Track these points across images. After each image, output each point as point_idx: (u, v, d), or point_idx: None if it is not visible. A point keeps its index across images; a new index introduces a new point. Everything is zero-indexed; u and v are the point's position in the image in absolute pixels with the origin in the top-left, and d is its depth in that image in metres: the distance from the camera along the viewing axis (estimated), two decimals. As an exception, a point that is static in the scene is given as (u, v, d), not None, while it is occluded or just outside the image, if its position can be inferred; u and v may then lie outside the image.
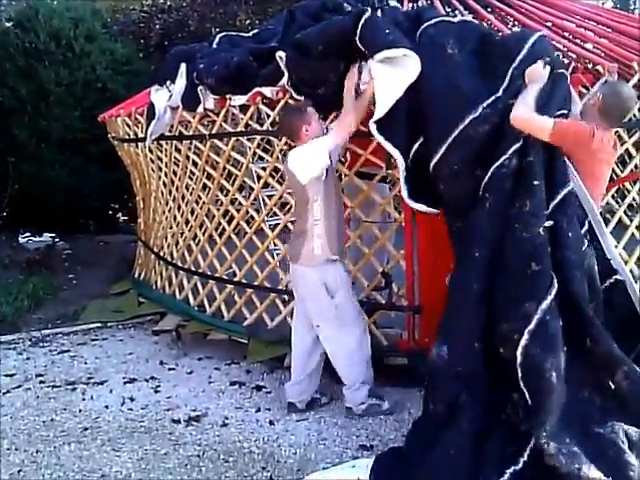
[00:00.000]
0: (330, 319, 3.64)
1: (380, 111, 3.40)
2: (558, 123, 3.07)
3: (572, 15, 5.56)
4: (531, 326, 2.79)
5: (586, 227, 3.08)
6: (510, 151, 3.12)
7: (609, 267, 3.08)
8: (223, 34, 5.14)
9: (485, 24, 5.69)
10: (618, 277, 3.08)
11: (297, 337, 3.85)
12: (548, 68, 3.18)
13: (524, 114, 3.08)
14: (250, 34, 5.13)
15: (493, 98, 3.24)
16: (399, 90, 3.38)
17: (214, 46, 4.83)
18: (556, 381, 2.70)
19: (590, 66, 4.33)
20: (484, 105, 3.23)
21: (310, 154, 3.51)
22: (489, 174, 3.17)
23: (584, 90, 3.74)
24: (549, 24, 5.55)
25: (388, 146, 3.49)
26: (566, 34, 5.47)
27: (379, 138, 3.50)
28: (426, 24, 3.64)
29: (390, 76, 3.37)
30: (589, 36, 5.17)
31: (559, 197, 3.02)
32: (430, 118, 3.44)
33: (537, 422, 2.70)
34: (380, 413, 3.74)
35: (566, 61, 5.70)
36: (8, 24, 9.19)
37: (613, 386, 2.77)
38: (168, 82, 4.84)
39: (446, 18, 3.70)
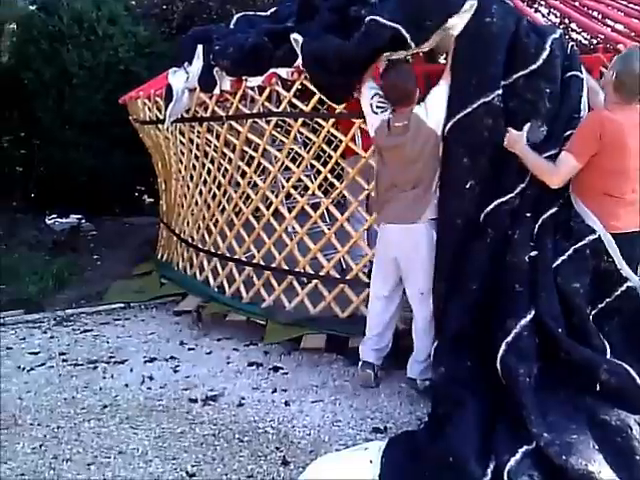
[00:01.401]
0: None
1: None
2: (573, 147, 3.12)
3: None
4: (509, 339, 3.09)
5: (588, 240, 3.17)
6: (517, 190, 3.32)
7: (620, 276, 3.16)
8: (241, 14, 5.12)
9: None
10: (629, 284, 3.15)
11: (383, 309, 3.83)
12: (524, 132, 3.28)
13: (555, 179, 3.17)
14: (268, 13, 5.09)
15: (500, 91, 3.33)
16: None
17: (231, 27, 4.81)
18: (528, 385, 2.95)
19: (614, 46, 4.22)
20: (499, 92, 3.31)
21: (441, 103, 3.48)
22: (492, 207, 3.37)
23: (605, 70, 3.65)
24: (576, 4, 5.43)
25: None
26: (595, 14, 5.34)
27: None
28: None
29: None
30: (618, 16, 5.02)
31: (540, 221, 3.28)
32: (452, 86, 3.48)
33: (523, 419, 2.82)
34: None
35: (594, 41, 5.62)
36: (32, 7, 9.25)
37: (599, 387, 2.92)
38: (185, 64, 4.84)
39: None
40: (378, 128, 3.67)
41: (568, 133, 3.26)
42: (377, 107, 3.67)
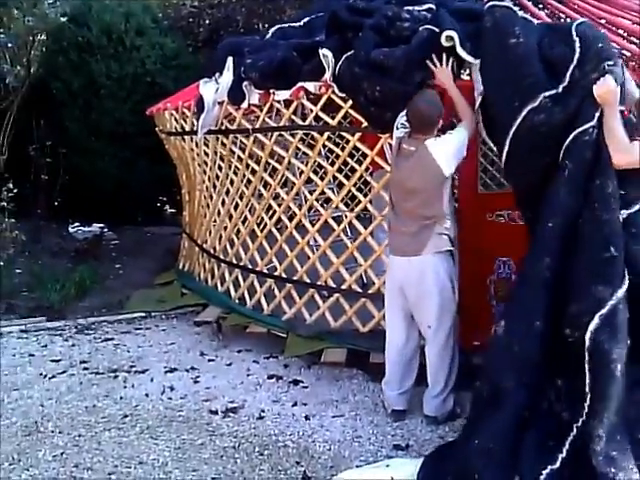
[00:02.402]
0: (447, 317, 3.51)
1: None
2: None
3: (627, 12, 5.39)
4: (603, 311, 2.72)
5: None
6: (595, 119, 3.01)
7: None
8: (277, 27, 5.07)
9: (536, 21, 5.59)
10: None
11: (400, 344, 3.65)
12: (618, 87, 3.01)
13: (624, 157, 2.93)
14: (301, 23, 5.04)
15: (553, 92, 3.14)
16: None
17: (266, 39, 4.81)
18: (619, 373, 2.66)
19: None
20: (545, 94, 3.14)
21: (457, 145, 3.43)
22: (570, 138, 3.04)
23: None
24: (603, 21, 5.40)
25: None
26: (620, 31, 5.31)
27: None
28: (492, 3, 3.52)
29: None
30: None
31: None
32: (494, 113, 3.41)
33: (593, 411, 2.65)
34: (457, 417, 3.64)
35: (620, 61, 5.58)
36: (63, 19, 9.40)
37: None
38: (217, 74, 4.87)
39: (513, 6, 3.59)
40: (393, 146, 3.63)
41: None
42: (400, 124, 3.61)
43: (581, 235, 2.93)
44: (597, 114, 3.03)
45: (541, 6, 5.76)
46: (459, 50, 3.50)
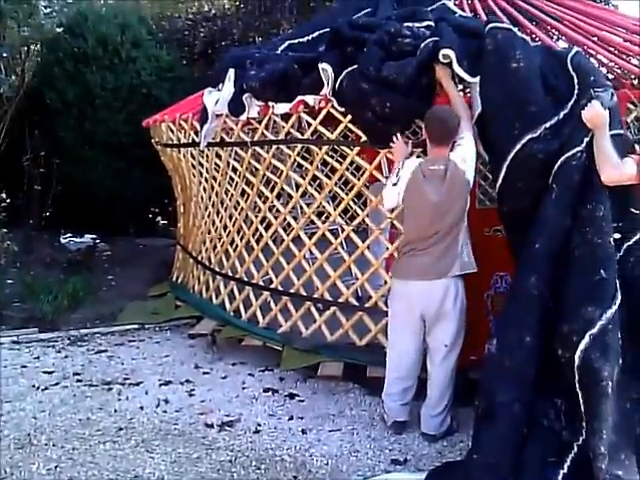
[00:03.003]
0: (461, 336, 3.52)
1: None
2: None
3: (619, 29, 5.46)
4: (593, 330, 2.79)
5: None
6: (583, 145, 3.09)
7: None
8: (287, 44, 5.04)
9: (530, 38, 5.66)
10: None
11: (408, 363, 3.62)
12: (607, 111, 3.06)
13: (615, 173, 2.97)
14: (310, 37, 5.03)
15: (554, 120, 3.24)
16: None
17: (271, 52, 4.83)
18: (610, 391, 2.70)
19: (637, 82, 4.26)
20: (546, 125, 3.24)
21: (474, 151, 3.47)
22: (559, 163, 3.14)
23: (632, 106, 3.67)
24: (595, 38, 5.47)
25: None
26: (612, 48, 5.38)
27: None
28: (493, 25, 3.58)
29: None
30: (636, 50, 5.07)
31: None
32: (492, 135, 3.47)
33: (591, 429, 2.68)
34: (454, 432, 3.65)
35: (611, 76, 5.66)
36: (59, 29, 9.39)
37: None
38: (220, 85, 4.87)
39: (514, 28, 3.69)
40: (412, 177, 3.48)
41: None
42: (396, 176, 3.57)
43: (572, 258, 3.01)
44: (586, 139, 3.12)
45: (535, 23, 5.84)
46: (456, 68, 3.55)
